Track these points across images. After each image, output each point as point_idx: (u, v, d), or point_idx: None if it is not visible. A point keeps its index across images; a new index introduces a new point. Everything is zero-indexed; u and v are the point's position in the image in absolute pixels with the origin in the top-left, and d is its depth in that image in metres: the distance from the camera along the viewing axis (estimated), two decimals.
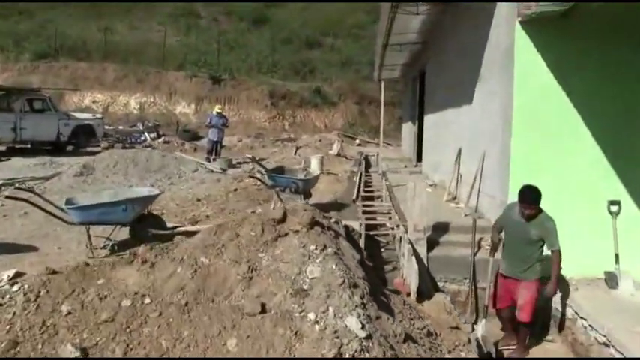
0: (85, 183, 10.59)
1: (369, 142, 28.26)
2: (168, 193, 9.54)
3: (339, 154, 18.37)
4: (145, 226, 6.06)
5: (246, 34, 35.19)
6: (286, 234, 3.67)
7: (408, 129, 20.52)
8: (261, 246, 3.58)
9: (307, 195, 8.04)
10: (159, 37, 29.96)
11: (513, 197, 5.98)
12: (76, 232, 6.42)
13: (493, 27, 6.91)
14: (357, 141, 27.22)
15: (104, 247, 5.92)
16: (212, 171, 12.33)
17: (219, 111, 16.55)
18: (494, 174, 6.79)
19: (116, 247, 5.85)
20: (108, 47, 28.58)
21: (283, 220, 3.78)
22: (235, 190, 9.36)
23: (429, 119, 13.99)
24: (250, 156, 8.99)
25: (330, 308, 2.86)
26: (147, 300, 3.16)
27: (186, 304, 3.13)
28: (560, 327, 5.53)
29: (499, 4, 6.56)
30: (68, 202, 5.79)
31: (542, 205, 5.80)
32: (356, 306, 2.92)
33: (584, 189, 5.85)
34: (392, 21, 11.62)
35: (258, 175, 8.69)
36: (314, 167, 12.87)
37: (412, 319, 3.82)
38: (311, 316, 2.85)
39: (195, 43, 31.57)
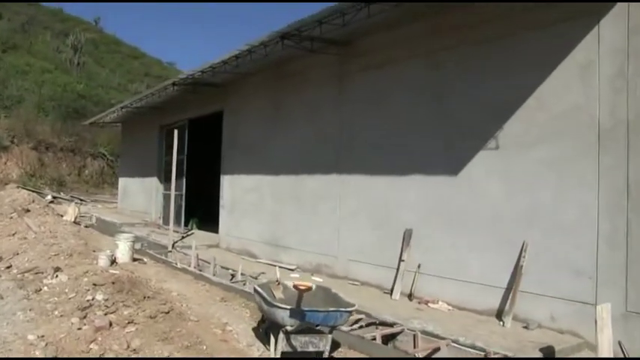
0: None
1: (57, 197, 22.23)
2: None
3: (76, 222, 13.06)
4: None
5: None
6: None
7: (147, 184, 17.11)
8: None
9: None
10: None
11: None
12: None
13: (561, 83, 5.51)
14: (49, 197, 20.79)
15: None
16: None
17: None
18: (574, 269, 5.26)
19: None
20: None
21: None
22: (110, 324, 4.47)
23: (239, 180, 11.43)
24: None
25: None
26: None
27: None
28: None
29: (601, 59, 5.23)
30: None
31: None
32: None
33: None
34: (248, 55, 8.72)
35: None
36: (123, 255, 8.19)
37: None
38: None
39: None
